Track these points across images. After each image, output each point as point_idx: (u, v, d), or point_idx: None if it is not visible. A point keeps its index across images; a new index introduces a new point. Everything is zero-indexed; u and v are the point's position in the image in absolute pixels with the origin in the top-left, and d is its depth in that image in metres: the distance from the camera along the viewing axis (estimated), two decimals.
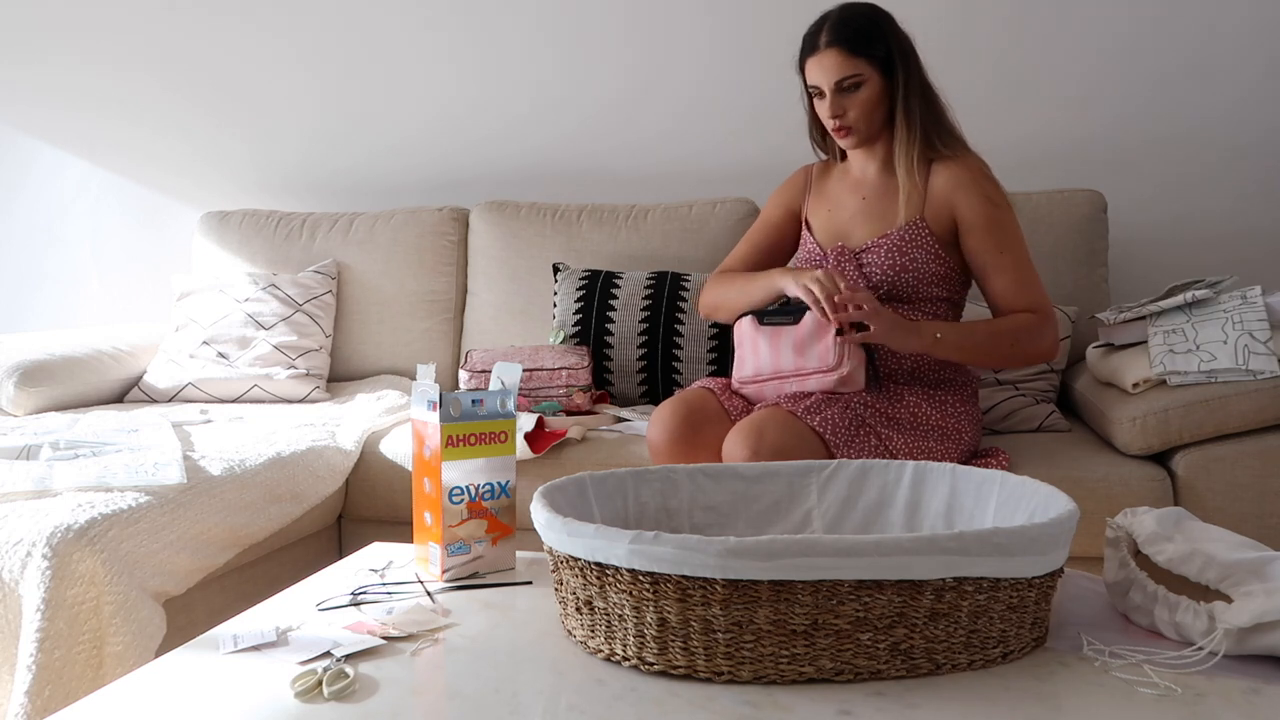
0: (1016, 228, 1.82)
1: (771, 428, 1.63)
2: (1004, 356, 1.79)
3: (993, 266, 1.80)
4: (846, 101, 1.78)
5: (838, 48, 1.76)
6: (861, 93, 1.77)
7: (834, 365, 1.70)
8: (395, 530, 2.04)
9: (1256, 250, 2.61)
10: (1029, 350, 1.79)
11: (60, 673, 1.40)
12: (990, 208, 1.79)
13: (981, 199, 1.79)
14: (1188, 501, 1.82)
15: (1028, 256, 1.82)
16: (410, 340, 2.77)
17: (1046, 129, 2.70)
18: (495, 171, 3.02)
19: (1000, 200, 1.81)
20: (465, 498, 1.27)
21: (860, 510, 1.27)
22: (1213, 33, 2.60)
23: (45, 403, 2.40)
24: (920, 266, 1.81)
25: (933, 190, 1.82)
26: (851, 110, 1.78)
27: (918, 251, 1.81)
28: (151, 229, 3.29)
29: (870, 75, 1.77)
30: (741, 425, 1.67)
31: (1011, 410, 2.15)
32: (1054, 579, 1.00)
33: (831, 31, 1.77)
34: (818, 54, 1.78)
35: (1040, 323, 1.77)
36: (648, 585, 0.94)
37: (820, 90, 1.80)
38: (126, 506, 1.56)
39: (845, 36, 1.76)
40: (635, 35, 2.90)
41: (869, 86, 1.77)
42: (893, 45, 1.78)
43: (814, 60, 1.79)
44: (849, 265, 1.85)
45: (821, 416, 1.66)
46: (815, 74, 1.79)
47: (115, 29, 3.21)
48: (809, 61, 1.80)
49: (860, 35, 1.76)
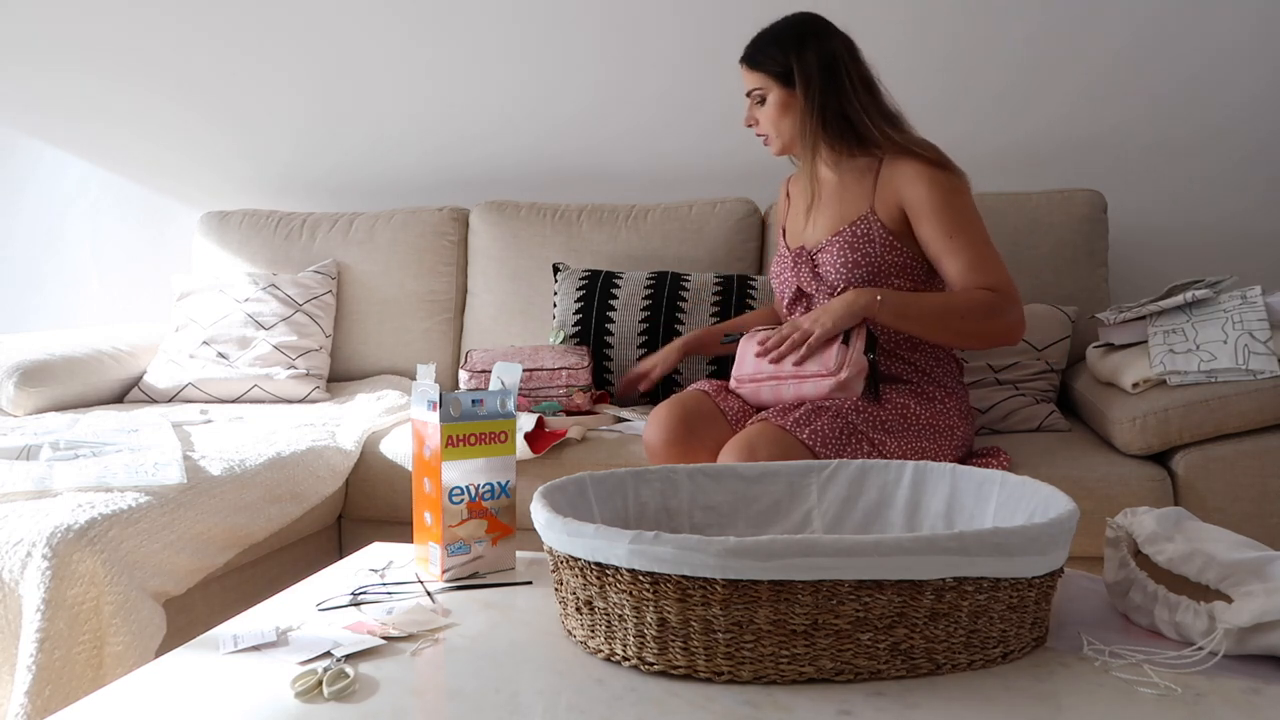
0: (968, 209, 1.79)
1: (763, 445, 1.64)
2: (957, 332, 1.75)
3: (944, 251, 1.78)
4: (757, 112, 1.90)
5: (744, 64, 1.90)
6: (767, 107, 1.88)
7: (833, 370, 1.71)
8: (395, 530, 2.04)
9: (1256, 250, 2.61)
10: (986, 327, 1.75)
11: (60, 673, 1.40)
12: (935, 192, 1.78)
13: (925, 184, 1.78)
14: (1188, 501, 1.82)
15: (984, 237, 1.79)
16: (410, 340, 2.77)
17: (1046, 129, 2.70)
18: (495, 171, 3.02)
19: (948, 184, 1.79)
20: (465, 498, 1.27)
21: (860, 510, 1.27)
22: (1214, 34, 2.60)
23: (45, 403, 2.40)
24: (874, 260, 1.81)
25: (880, 182, 1.83)
26: (762, 121, 1.90)
27: (869, 245, 1.82)
28: (151, 229, 3.29)
29: (770, 87, 1.86)
30: (734, 441, 1.68)
31: (1011, 410, 2.15)
32: (1054, 579, 1.00)
33: (746, 48, 1.90)
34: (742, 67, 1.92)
35: (998, 301, 1.73)
36: (648, 585, 0.94)
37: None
38: (126, 506, 1.56)
39: (748, 52, 1.89)
40: (636, 35, 2.90)
41: (772, 99, 1.87)
42: (793, 58, 1.84)
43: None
44: (804, 267, 1.89)
45: (811, 429, 1.66)
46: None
47: (114, 32, 3.21)
48: None
49: (759, 50, 1.87)
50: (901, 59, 2.73)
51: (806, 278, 1.88)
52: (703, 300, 2.42)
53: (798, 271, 1.90)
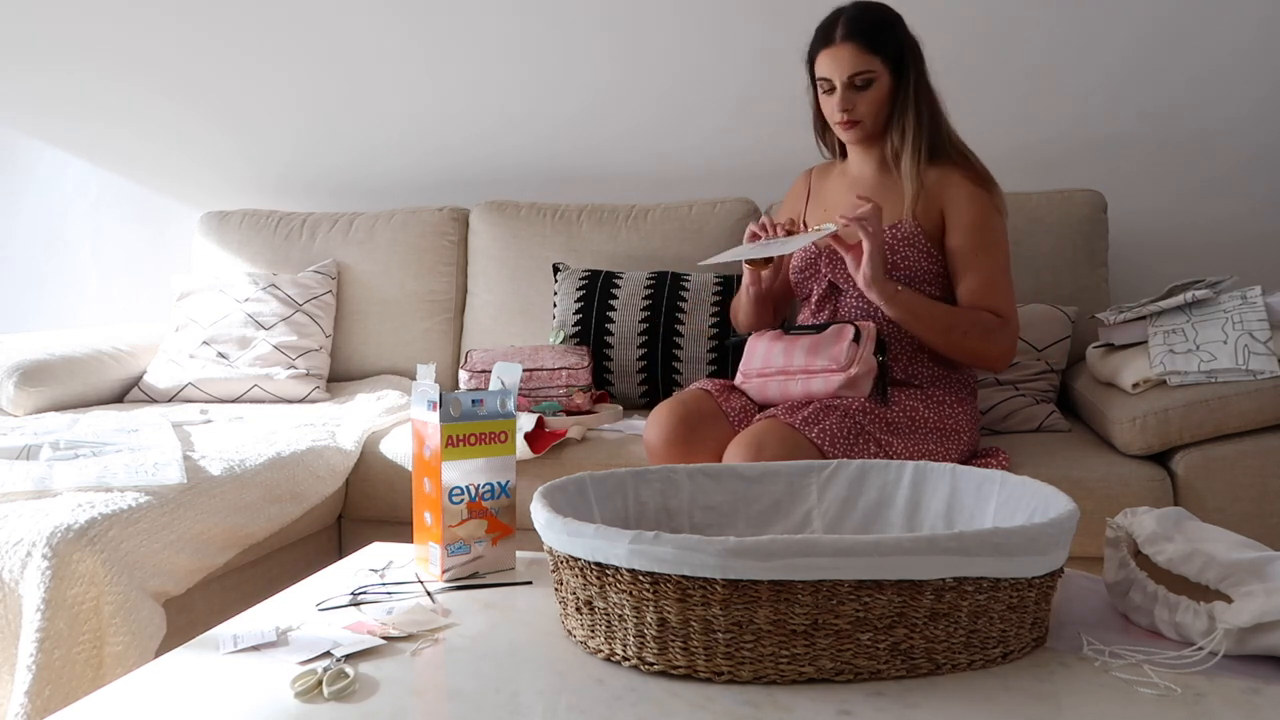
0: (1002, 236, 1.83)
1: (771, 441, 1.64)
2: (953, 345, 1.78)
3: (966, 265, 1.80)
4: (856, 97, 1.79)
5: (854, 42, 1.77)
6: (872, 90, 1.79)
7: (844, 365, 1.71)
8: (395, 530, 2.04)
9: (1257, 250, 2.61)
10: (979, 348, 1.79)
11: (60, 673, 1.40)
12: (978, 209, 1.81)
13: (971, 198, 1.81)
14: (1188, 501, 1.82)
15: (1006, 265, 1.82)
16: (410, 340, 2.77)
17: (1047, 129, 2.70)
18: (495, 171, 3.02)
19: (991, 205, 1.82)
20: (465, 498, 1.27)
21: (860, 510, 1.27)
22: (1215, 37, 2.60)
23: (45, 403, 2.40)
24: (912, 265, 1.81)
25: (927, 189, 1.83)
26: (861, 105, 1.80)
27: (909, 250, 1.82)
28: (151, 229, 3.29)
29: (882, 73, 1.79)
30: (741, 438, 1.68)
31: (1012, 410, 2.15)
32: (1054, 579, 1.00)
33: (848, 25, 1.78)
34: (832, 47, 1.79)
35: (999, 326, 1.78)
36: (648, 585, 0.94)
37: (830, 84, 1.81)
38: (126, 506, 1.56)
39: (863, 31, 1.77)
40: (636, 35, 2.90)
41: (879, 84, 1.79)
42: (905, 46, 1.81)
43: (828, 53, 1.80)
44: (840, 263, 1.86)
45: (820, 427, 1.66)
46: (827, 66, 1.80)
47: (114, 33, 3.21)
48: (822, 54, 1.81)
49: (877, 31, 1.78)
50: None
51: (842, 273, 1.86)
52: (703, 300, 2.42)
53: (832, 266, 1.88)
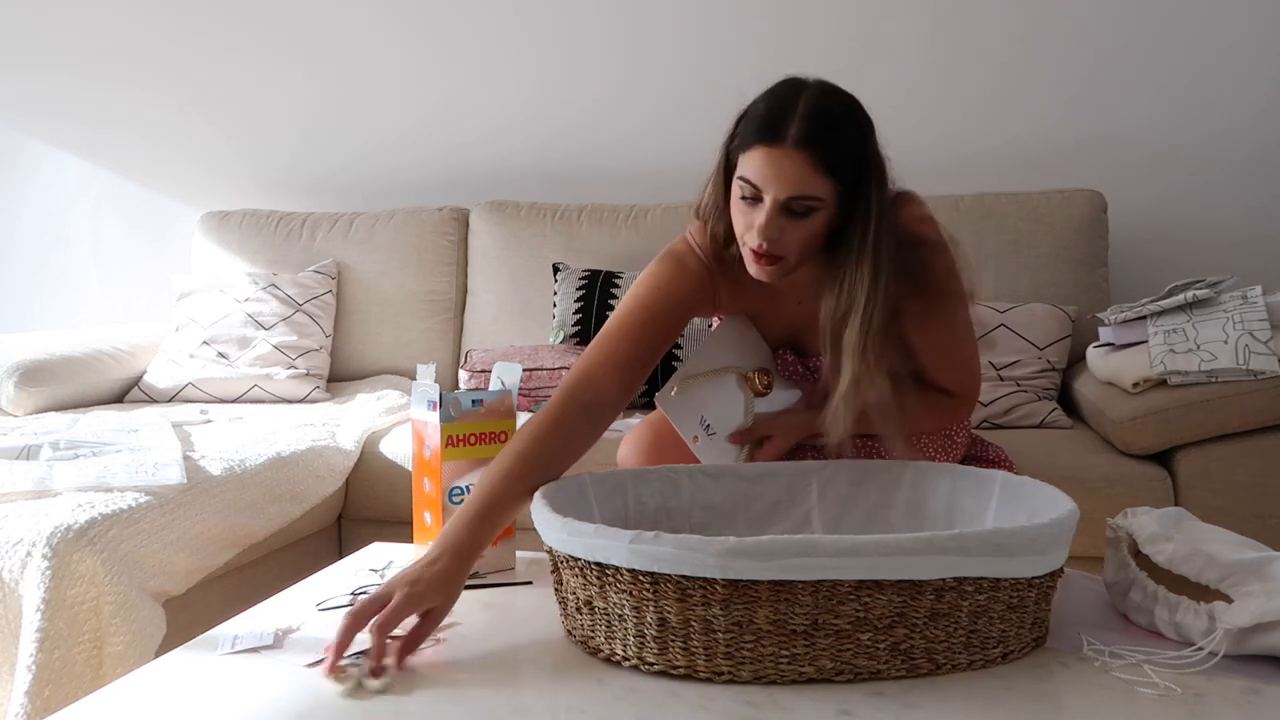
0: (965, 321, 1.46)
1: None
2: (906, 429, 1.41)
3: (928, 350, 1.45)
4: (787, 225, 1.27)
5: (808, 152, 1.23)
6: (809, 221, 1.27)
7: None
8: (395, 530, 2.04)
9: (1257, 250, 2.61)
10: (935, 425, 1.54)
11: (60, 673, 1.40)
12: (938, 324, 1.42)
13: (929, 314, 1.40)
14: (1188, 501, 1.82)
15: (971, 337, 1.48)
16: (410, 340, 2.77)
17: (1047, 129, 2.70)
18: (495, 171, 3.02)
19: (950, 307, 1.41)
20: (465, 498, 1.26)
21: (860, 510, 1.27)
22: (1216, 35, 2.60)
23: (45, 403, 2.39)
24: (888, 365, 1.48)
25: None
26: (789, 237, 1.28)
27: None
28: (151, 229, 3.29)
29: (829, 204, 1.26)
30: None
31: (1013, 405, 2.14)
32: (1054, 579, 1.00)
33: (805, 125, 1.23)
34: (776, 147, 1.24)
35: (958, 406, 1.51)
36: (648, 585, 0.94)
37: (757, 194, 1.27)
38: (126, 506, 1.56)
39: (821, 140, 1.23)
40: (636, 35, 2.90)
41: (819, 216, 1.27)
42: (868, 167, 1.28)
43: (767, 154, 1.25)
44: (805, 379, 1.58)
45: None
46: (760, 171, 1.26)
47: (115, 33, 3.21)
48: (758, 151, 1.26)
49: (837, 145, 1.25)
50: (903, 59, 2.73)
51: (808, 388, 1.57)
52: None
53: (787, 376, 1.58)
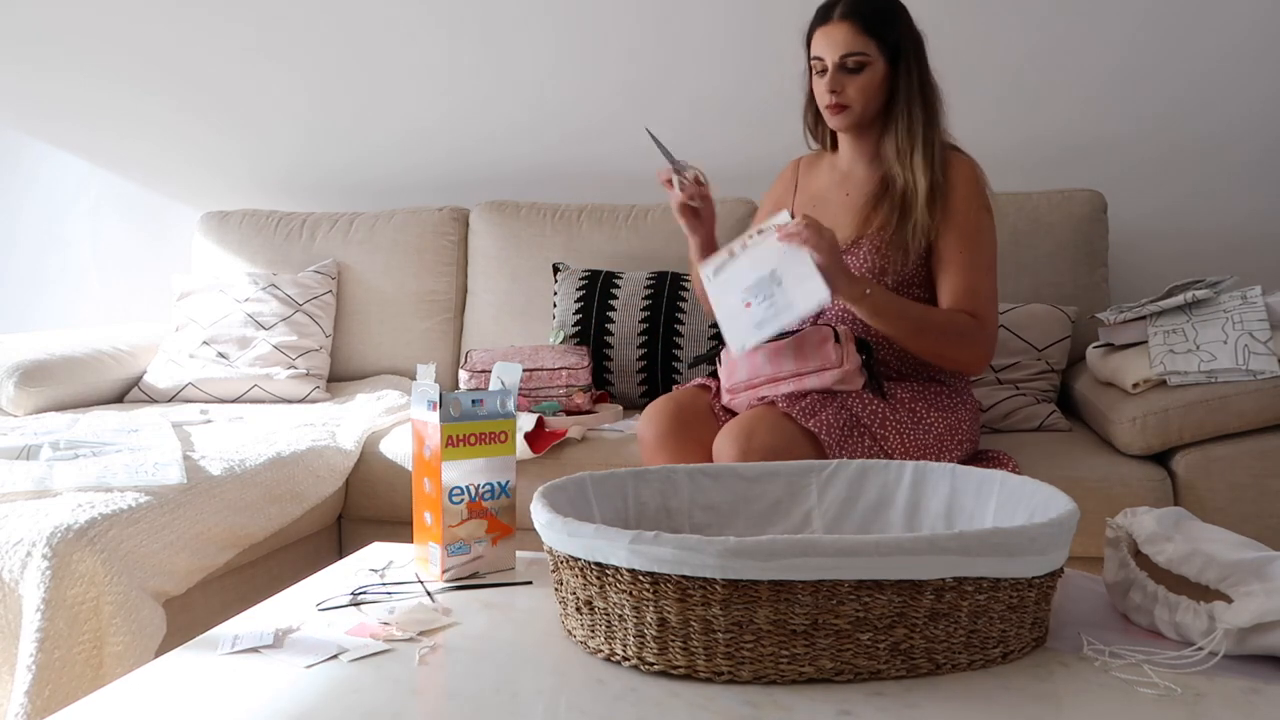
0: (990, 237, 1.77)
1: (761, 429, 1.62)
2: (925, 348, 1.73)
3: (950, 264, 1.74)
4: (846, 80, 1.73)
5: (851, 22, 1.72)
6: (863, 75, 1.73)
7: (835, 363, 1.69)
8: (395, 530, 2.04)
9: (1257, 250, 2.61)
10: (952, 353, 1.74)
11: (60, 673, 1.40)
12: (968, 209, 1.75)
13: (962, 198, 1.76)
14: (1188, 501, 1.82)
15: (990, 266, 1.76)
16: (410, 340, 2.77)
17: (1047, 129, 2.70)
18: (495, 171, 3.02)
19: (980, 204, 1.76)
20: (465, 498, 1.27)
21: (860, 510, 1.27)
22: (1216, 37, 2.60)
23: (45, 403, 2.39)
24: (900, 269, 1.77)
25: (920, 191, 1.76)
26: (850, 89, 1.74)
27: (898, 254, 1.76)
28: (151, 229, 3.29)
29: (876, 59, 1.73)
30: (731, 425, 1.65)
31: (1012, 409, 2.14)
32: (1054, 579, 1.00)
33: (848, 4, 1.73)
34: (829, 24, 1.74)
35: (975, 329, 1.72)
36: (648, 585, 0.94)
37: (823, 64, 1.75)
38: (126, 506, 1.56)
39: (861, 12, 1.72)
40: (635, 35, 2.90)
41: (872, 70, 1.73)
42: (905, 36, 1.75)
43: (823, 30, 1.75)
44: None
45: (817, 419, 1.64)
46: (821, 45, 1.75)
47: (115, 33, 3.21)
48: (818, 31, 1.76)
49: (876, 15, 1.73)
50: None
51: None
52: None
53: None
